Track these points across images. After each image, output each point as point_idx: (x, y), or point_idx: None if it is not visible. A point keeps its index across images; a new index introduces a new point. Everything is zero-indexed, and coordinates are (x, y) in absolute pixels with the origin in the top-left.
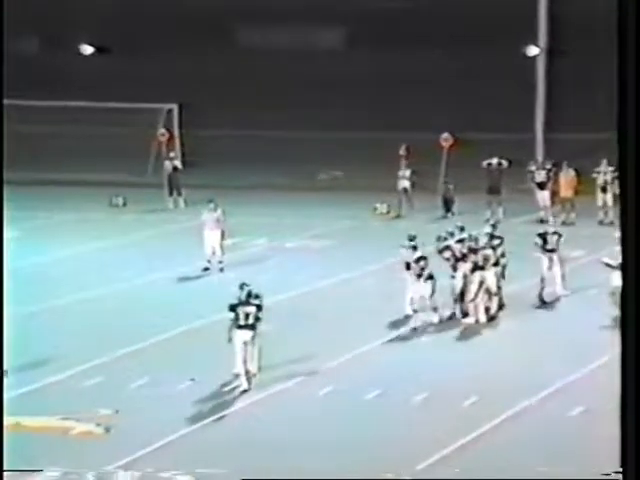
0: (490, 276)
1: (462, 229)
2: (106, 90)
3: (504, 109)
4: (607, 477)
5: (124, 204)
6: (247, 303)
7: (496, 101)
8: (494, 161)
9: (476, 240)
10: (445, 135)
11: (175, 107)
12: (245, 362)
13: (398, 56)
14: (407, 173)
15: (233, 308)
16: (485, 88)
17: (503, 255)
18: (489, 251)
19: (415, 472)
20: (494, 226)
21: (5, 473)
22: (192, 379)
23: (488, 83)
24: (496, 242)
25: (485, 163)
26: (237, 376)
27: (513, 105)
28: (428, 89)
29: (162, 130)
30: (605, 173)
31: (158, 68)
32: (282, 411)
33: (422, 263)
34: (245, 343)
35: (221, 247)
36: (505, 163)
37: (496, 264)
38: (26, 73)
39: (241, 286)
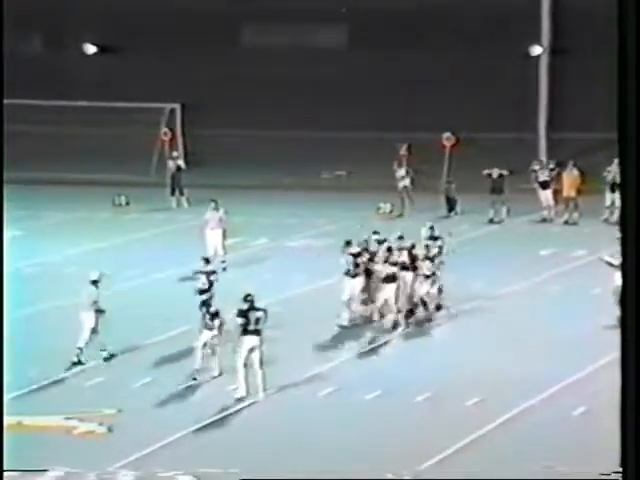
0: (410, 281)
1: (401, 237)
2: (109, 90)
3: (507, 109)
4: (607, 477)
5: (127, 203)
6: (256, 308)
7: (499, 101)
8: (494, 173)
9: (397, 249)
10: (447, 135)
11: (178, 107)
12: (246, 366)
13: (401, 56)
14: (406, 172)
15: (243, 313)
16: (488, 88)
17: (440, 252)
18: (406, 258)
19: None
20: (432, 228)
21: (6, 473)
22: (194, 379)
23: (491, 83)
24: (437, 244)
25: (485, 173)
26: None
27: (516, 105)
28: (431, 89)
29: (165, 130)
30: (617, 172)
31: (160, 68)
32: (284, 411)
33: (212, 277)
34: (251, 349)
35: (223, 247)
36: (506, 173)
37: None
38: (29, 73)
39: (245, 297)
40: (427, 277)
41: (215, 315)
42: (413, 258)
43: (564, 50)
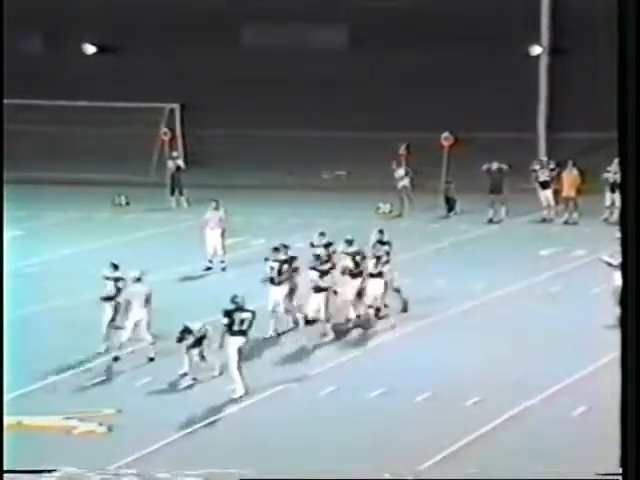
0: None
1: (349, 242)
2: (108, 90)
3: (507, 108)
4: (607, 477)
5: (127, 203)
6: (242, 309)
7: (499, 100)
8: (494, 166)
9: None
10: (446, 134)
11: (177, 107)
12: (239, 368)
13: (400, 56)
14: (405, 172)
15: (228, 314)
16: (488, 87)
17: (387, 257)
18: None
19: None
20: (382, 232)
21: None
22: (194, 379)
23: (491, 82)
24: (384, 249)
25: (484, 168)
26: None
27: (516, 104)
28: (431, 89)
29: (164, 129)
30: (616, 172)
31: (160, 67)
32: (283, 411)
33: (120, 284)
34: (239, 349)
35: (222, 247)
36: (505, 167)
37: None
38: (29, 72)
39: (232, 299)
40: (372, 276)
41: (186, 332)
42: (357, 264)
43: (564, 50)
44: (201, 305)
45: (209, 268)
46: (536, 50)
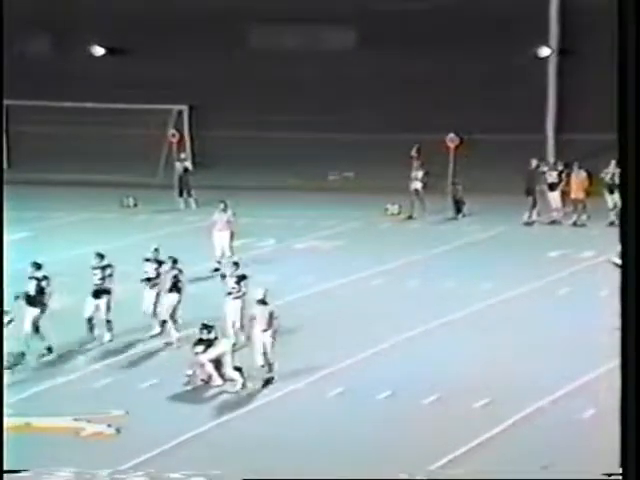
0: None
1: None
2: (117, 91)
3: (515, 110)
4: (607, 477)
5: (135, 205)
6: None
7: (507, 102)
8: (533, 164)
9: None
10: (451, 136)
11: (185, 108)
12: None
13: (409, 57)
14: (419, 174)
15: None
16: (496, 89)
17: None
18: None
19: None
20: (157, 250)
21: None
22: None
23: (499, 84)
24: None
25: (534, 164)
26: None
27: (524, 106)
28: (439, 90)
29: (173, 131)
30: (614, 174)
31: (168, 69)
32: (292, 412)
33: (43, 283)
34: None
35: (230, 248)
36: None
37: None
38: (38, 74)
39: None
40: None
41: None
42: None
43: (573, 51)
44: (208, 307)
45: (217, 269)
46: (545, 52)
